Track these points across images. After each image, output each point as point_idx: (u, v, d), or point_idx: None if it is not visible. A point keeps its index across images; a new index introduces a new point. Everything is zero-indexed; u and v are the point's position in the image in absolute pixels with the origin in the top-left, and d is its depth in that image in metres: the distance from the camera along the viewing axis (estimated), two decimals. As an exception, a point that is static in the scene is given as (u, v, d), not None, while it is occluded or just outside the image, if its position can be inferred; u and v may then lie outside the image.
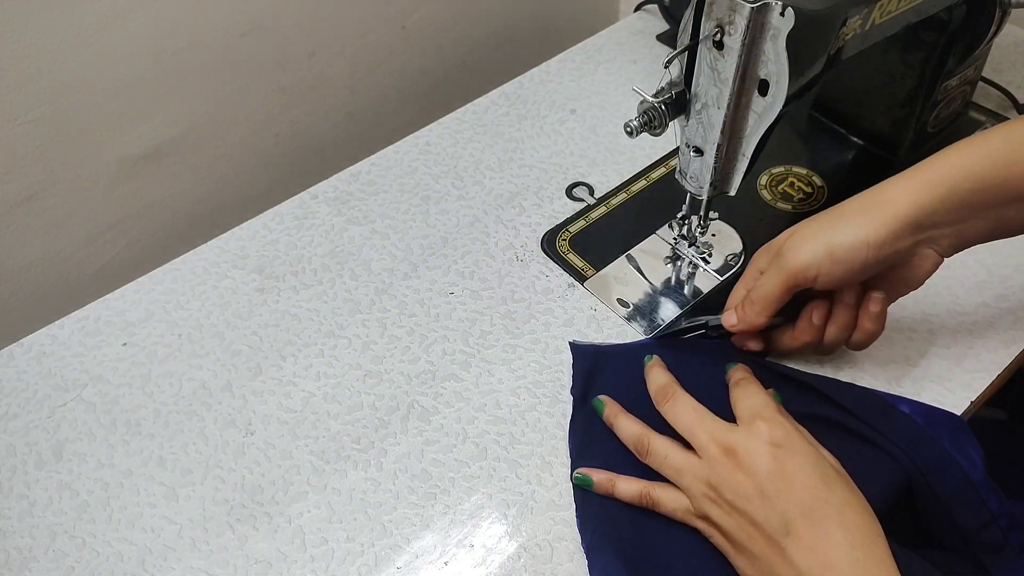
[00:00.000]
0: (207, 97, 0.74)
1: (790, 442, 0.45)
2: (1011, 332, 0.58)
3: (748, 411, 0.47)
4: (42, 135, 0.66)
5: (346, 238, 0.68)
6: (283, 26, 0.75)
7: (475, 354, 0.59)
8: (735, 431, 0.46)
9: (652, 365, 0.54)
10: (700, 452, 0.47)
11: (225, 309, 0.63)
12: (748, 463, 0.44)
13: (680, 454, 0.48)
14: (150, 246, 0.79)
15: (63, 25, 0.62)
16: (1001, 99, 0.75)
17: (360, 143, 0.87)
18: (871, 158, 0.71)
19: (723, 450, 0.45)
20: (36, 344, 0.61)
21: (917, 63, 0.65)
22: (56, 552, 0.50)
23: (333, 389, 0.57)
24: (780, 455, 0.44)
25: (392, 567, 0.49)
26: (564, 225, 0.68)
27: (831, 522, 0.42)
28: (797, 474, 0.43)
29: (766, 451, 0.44)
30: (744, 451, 0.45)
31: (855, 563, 0.41)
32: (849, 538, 0.41)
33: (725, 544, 0.45)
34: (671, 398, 0.50)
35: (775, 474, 0.43)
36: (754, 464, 0.44)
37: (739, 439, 0.45)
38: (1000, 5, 0.61)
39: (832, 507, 0.42)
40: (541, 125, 0.77)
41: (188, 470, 0.54)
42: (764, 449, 0.44)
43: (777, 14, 0.45)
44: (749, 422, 0.46)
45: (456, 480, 0.52)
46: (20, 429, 0.56)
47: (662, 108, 0.52)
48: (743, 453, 0.45)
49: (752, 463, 0.44)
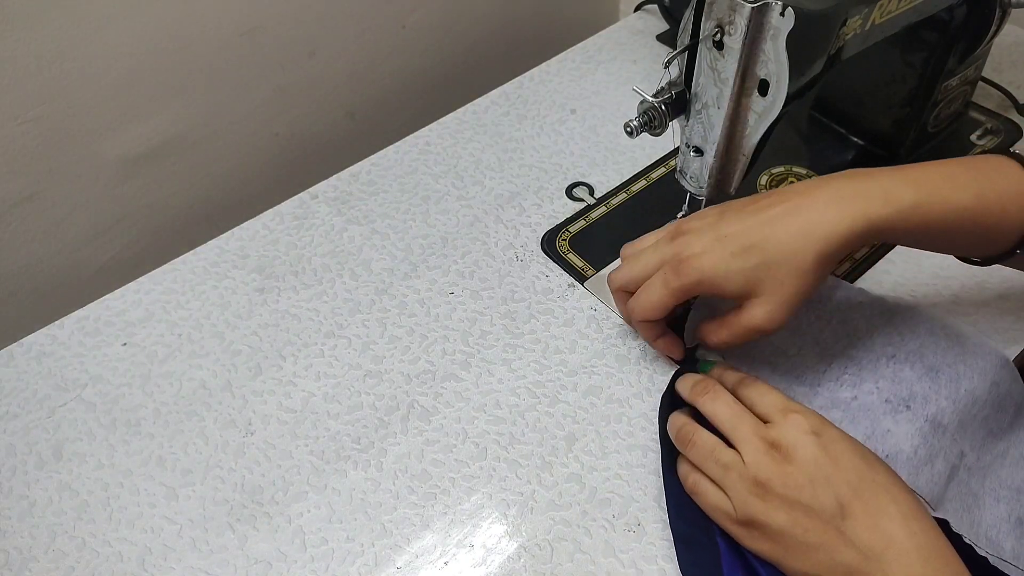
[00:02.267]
0: (207, 97, 0.74)
1: (827, 429, 0.45)
2: (1011, 332, 0.58)
3: (775, 406, 0.47)
4: (42, 134, 0.66)
5: (346, 238, 0.68)
6: (283, 26, 0.75)
7: (475, 354, 0.59)
8: (773, 426, 0.46)
9: None
10: (742, 447, 0.46)
11: (225, 309, 0.63)
12: (794, 454, 0.44)
13: (728, 450, 0.46)
14: (150, 246, 0.79)
15: (63, 24, 0.62)
16: (1001, 99, 0.75)
17: (360, 143, 0.87)
18: (871, 158, 0.71)
19: (768, 445, 0.45)
20: (36, 344, 0.61)
21: (917, 63, 0.65)
22: (56, 552, 0.50)
23: (333, 389, 0.57)
24: (822, 442, 0.44)
25: (392, 567, 0.49)
26: (564, 225, 0.68)
27: (883, 498, 0.42)
28: (842, 457, 0.43)
29: (810, 440, 0.44)
30: (788, 443, 0.44)
31: (912, 535, 0.41)
32: (902, 511, 0.42)
33: (773, 548, 0.44)
34: (711, 391, 0.50)
35: (822, 460, 0.43)
36: (800, 454, 0.44)
37: (781, 433, 0.45)
38: (1000, 5, 0.61)
39: (880, 485, 0.43)
40: (541, 125, 0.77)
41: (188, 470, 0.54)
42: (807, 439, 0.44)
43: (777, 14, 0.45)
44: (783, 415, 0.46)
45: (456, 480, 0.52)
46: (20, 429, 0.56)
47: (662, 108, 0.52)
48: (788, 445, 0.44)
49: (798, 454, 0.44)
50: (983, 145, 0.71)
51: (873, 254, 0.63)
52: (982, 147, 0.71)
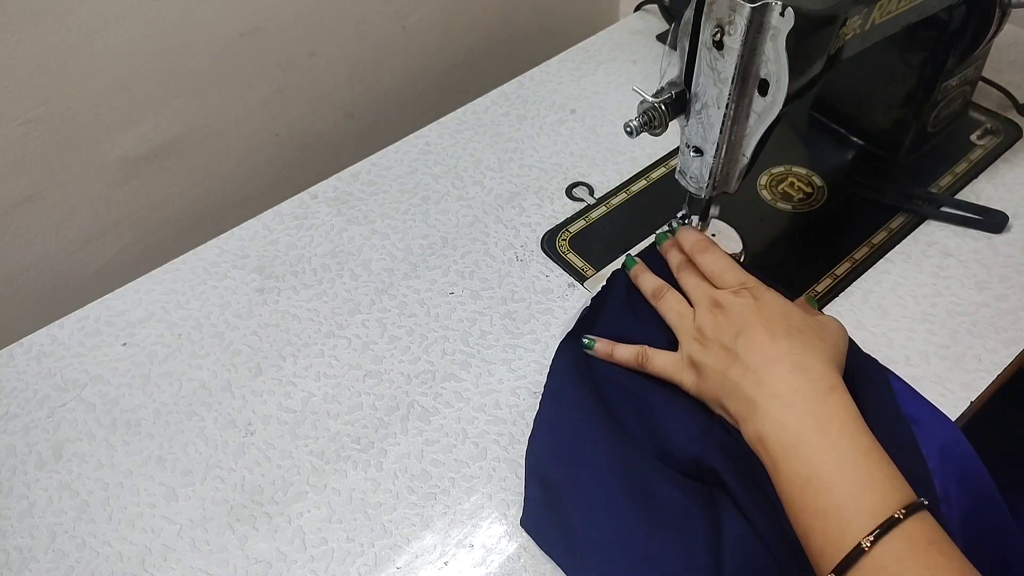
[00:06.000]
0: (207, 97, 0.74)
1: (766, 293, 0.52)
2: (1011, 332, 0.58)
3: (733, 281, 0.53)
4: (42, 135, 0.66)
5: (346, 238, 0.68)
6: (283, 26, 0.75)
7: (475, 354, 0.59)
8: (724, 292, 0.53)
9: (638, 271, 0.59)
10: (696, 306, 0.54)
11: (225, 309, 0.63)
12: (729, 309, 0.51)
13: (686, 305, 0.55)
14: (150, 246, 0.79)
15: (63, 25, 0.62)
16: (1001, 99, 0.75)
17: (360, 143, 0.87)
18: (871, 158, 0.72)
19: (713, 303, 0.52)
20: (36, 344, 0.61)
21: (917, 63, 0.65)
22: (56, 552, 0.50)
23: (333, 389, 0.57)
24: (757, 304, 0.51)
25: (392, 567, 0.49)
26: (564, 225, 0.68)
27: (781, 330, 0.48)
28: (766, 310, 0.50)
29: (744, 298, 0.51)
30: (728, 303, 0.51)
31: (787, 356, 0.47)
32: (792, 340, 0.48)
33: (698, 381, 0.51)
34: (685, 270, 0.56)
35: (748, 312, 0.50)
36: (732, 308, 0.51)
37: (728, 297, 0.52)
38: (1000, 5, 0.61)
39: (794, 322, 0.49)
40: (541, 125, 0.77)
41: (188, 470, 0.54)
42: (743, 300, 0.51)
43: (777, 14, 0.45)
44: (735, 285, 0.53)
45: (456, 480, 0.52)
46: (20, 429, 0.56)
47: (662, 108, 0.52)
48: (727, 305, 0.51)
49: (731, 308, 0.51)
50: (983, 145, 0.71)
51: (873, 254, 0.63)
52: (982, 147, 0.71)
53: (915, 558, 0.39)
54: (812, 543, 0.42)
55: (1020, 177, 0.69)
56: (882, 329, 0.59)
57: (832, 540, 0.41)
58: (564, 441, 0.51)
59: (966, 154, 0.71)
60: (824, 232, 0.66)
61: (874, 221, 0.66)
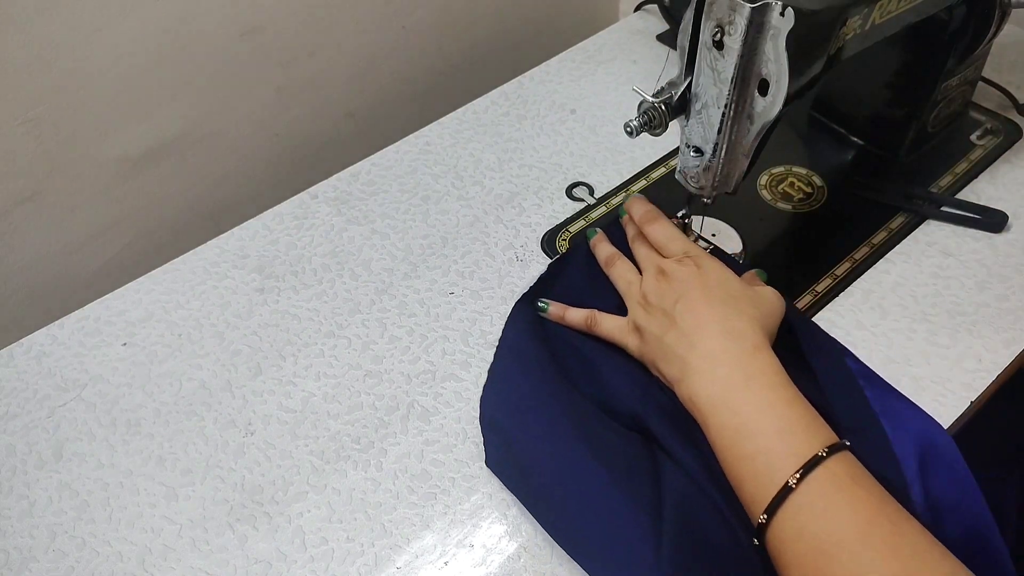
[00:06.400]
0: (207, 97, 0.74)
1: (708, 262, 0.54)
2: (1011, 332, 0.58)
3: (678, 250, 0.56)
4: (42, 135, 0.66)
5: (346, 238, 0.68)
6: (283, 26, 0.75)
7: (475, 354, 0.59)
8: (669, 261, 0.55)
9: (597, 240, 0.62)
10: (644, 272, 0.56)
11: (225, 309, 0.63)
12: (672, 276, 0.53)
13: (636, 273, 0.57)
14: (150, 246, 0.79)
15: (63, 24, 0.62)
16: (1001, 99, 0.75)
17: (360, 143, 0.87)
18: (871, 158, 0.71)
19: (658, 271, 0.55)
20: (36, 344, 0.61)
21: (917, 63, 0.65)
22: (56, 552, 0.50)
23: (333, 389, 0.57)
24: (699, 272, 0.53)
25: (392, 567, 0.49)
26: (564, 225, 0.68)
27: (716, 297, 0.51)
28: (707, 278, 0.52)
29: (687, 267, 0.54)
30: (672, 271, 0.54)
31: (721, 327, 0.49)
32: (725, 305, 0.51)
33: (641, 345, 0.53)
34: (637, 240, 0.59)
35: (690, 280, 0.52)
36: (675, 275, 0.53)
37: (670, 264, 0.55)
38: (1000, 5, 0.61)
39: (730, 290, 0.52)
40: (541, 125, 0.77)
41: (188, 470, 0.54)
42: (687, 268, 0.53)
43: (777, 14, 0.45)
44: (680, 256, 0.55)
45: (456, 480, 0.52)
46: (20, 429, 0.56)
47: (662, 108, 0.52)
48: (671, 272, 0.54)
49: (675, 275, 0.53)
50: (983, 145, 0.71)
51: (873, 254, 0.63)
52: (982, 147, 0.71)
53: (840, 492, 0.42)
54: (744, 489, 0.45)
55: (1020, 177, 0.69)
56: (882, 329, 0.59)
57: (762, 484, 0.43)
58: (515, 392, 0.54)
59: (966, 154, 0.71)
60: (824, 232, 0.66)
61: (874, 221, 0.66)
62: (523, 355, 0.56)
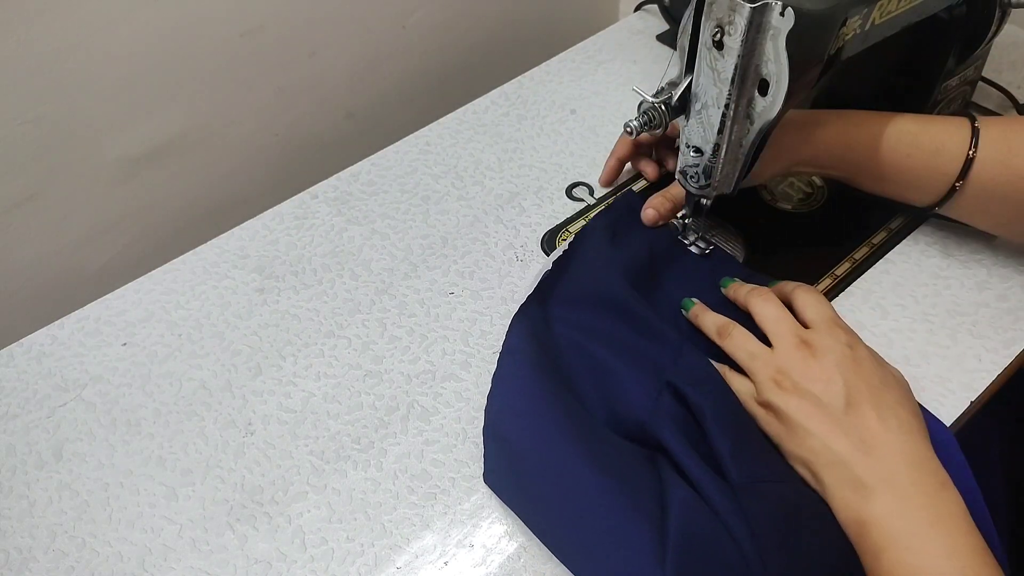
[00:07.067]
0: (207, 97, 0.74)
1: (860, 346, 0.49)
2: (1011, 332, 0.58)
3: (822, 316, 0.50)
4: (42, 135, 0.66)
5: (346, 238, 0.68)
6: (283, 26, 0.75)
7: (475, 354, 0.59)
8: (814, 332, 0.50)
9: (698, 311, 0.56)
10: (777, 341, 0.50)
11: (225, 309, 0.63)
12: (821, 355, 0.48)
13: (757, 343, 0.51)
14: (150, 246, 0.79)
15: (63, 25, 0.62)
16: (1001, 99, 0.75)
17: (360, 143, 0.87)
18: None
19: (799, 342, 0.49)
20: (36, 344, 0.61)
21: (917, 63, 0.65)
22: (56, 552, 0.50)
23: (333, 389, 0.57)
24: (853, 353, 0.48)
25: (392, 567, 0.49)
26: (564, 225, 0.68)
27: (888, 411, 0.46)
28: (863, 367, 0.47)
29: (840, 347, 0.48)
30: (820, 345, 0.48)
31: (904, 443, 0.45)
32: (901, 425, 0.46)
33: (778, 429, 0.48)
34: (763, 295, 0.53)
35: (845, 364, 0.47)
36: (827, 355, 0.48)
37: (817, 337, 0.49)
38: (1000, 5, 0.61)
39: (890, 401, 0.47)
40: (541, 125, 0.77)
41: (188, 470, 0.54)
42: (839, 346, 0.48)
43: (777, 14, 0.45)
44: (827, 325, 0.50)
45: (456, 480, 0.52)
46: (20, 429, 0.56)
47: (662, 108, 0.52)
48: (819, 347, 0.48)
49: (825, 355, 0.48)
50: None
51: (873, 254, 0.63)
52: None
53: None
54: None
55: (1020, 177, 0.69)
56: (882, 329, 0.59)
57: None
58: (517, 395, 0.53)
59: (966, 154, 0.71)
60: (824, 232, 0.66)
61: (874, 221, 0.66)
62: (526, 358, 0.54)
